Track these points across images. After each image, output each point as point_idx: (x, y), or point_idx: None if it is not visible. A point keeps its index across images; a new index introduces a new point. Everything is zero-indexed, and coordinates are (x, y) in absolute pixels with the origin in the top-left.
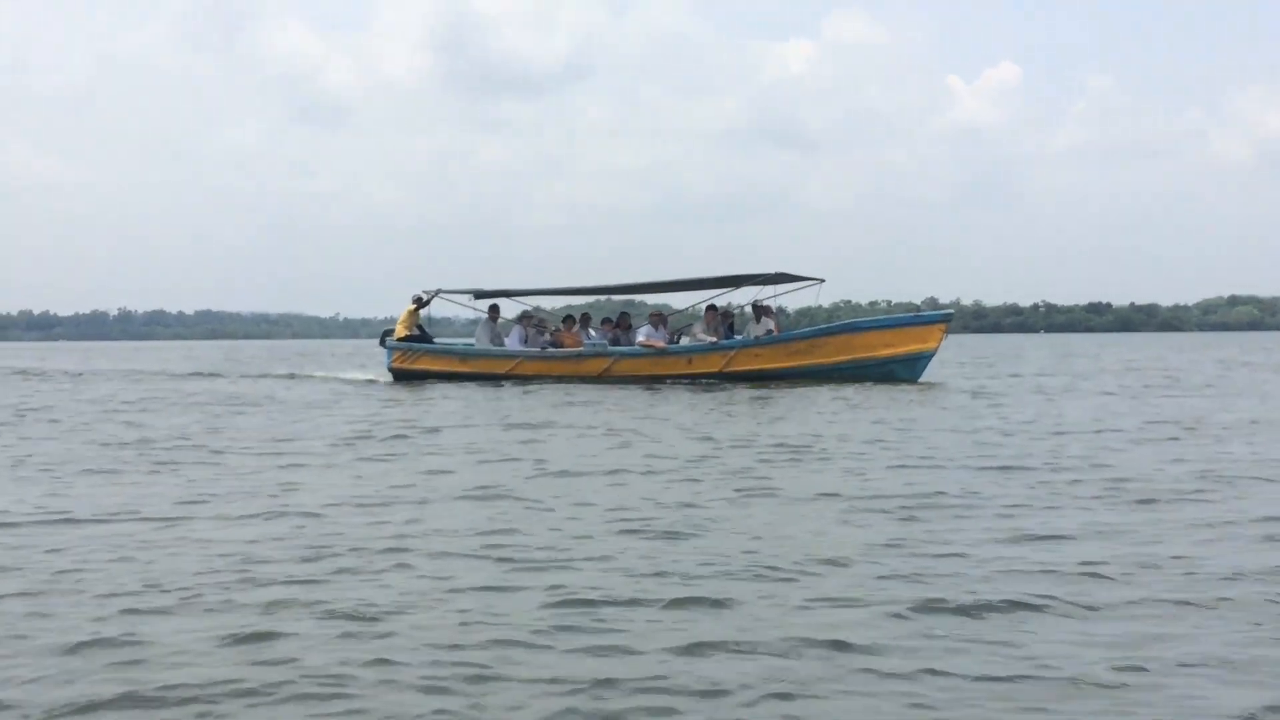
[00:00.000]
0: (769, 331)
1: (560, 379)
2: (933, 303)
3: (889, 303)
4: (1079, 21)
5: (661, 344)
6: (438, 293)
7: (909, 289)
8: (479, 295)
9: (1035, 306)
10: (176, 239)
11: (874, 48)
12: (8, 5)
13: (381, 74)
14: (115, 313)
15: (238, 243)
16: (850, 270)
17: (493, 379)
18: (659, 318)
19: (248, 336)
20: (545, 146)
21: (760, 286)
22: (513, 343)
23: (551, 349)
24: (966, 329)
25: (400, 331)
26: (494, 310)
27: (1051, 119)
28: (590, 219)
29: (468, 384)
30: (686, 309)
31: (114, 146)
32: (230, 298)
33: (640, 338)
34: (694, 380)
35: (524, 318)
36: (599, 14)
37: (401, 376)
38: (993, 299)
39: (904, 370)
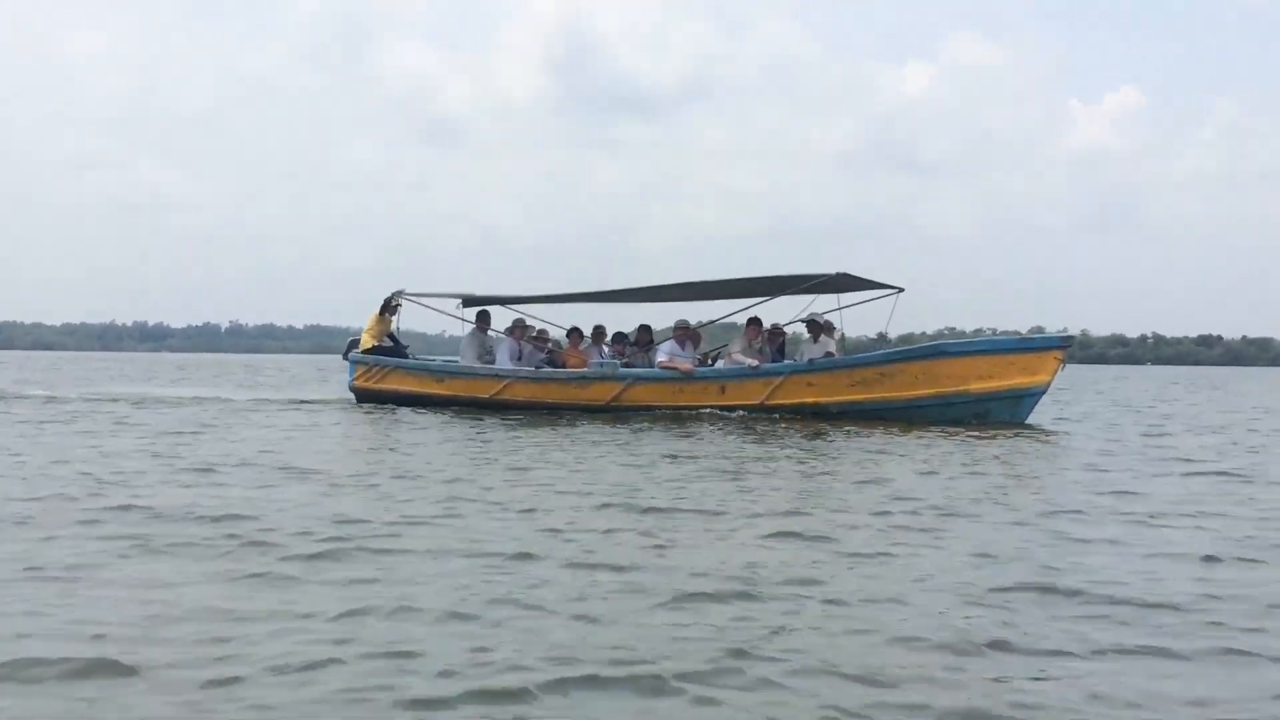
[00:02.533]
0: (827, 354)
1: (557, 407)
2: (1039, 331)
3: (994, 330)
4: (1203, 44)
5: (688, 366)
6: (398, 295)
7: (1016, 316)
8: (467, 302)
9: (1143, 338)
10: (292, 254)
11: (993, 70)
12: (139, 29)
13: (499, 94)
14: (227, 325)
15: (353, 259)
16: (962, 297)
17: (475, 405)
18: (687, 332)
19: None
20: (660, 168)
21: (814, 295)
22: (503, 359)
23: (548, 369)
24: (1071, 360)
25: (366, 342)
26: (483, 319)
27: (1174, 144)
28: (704, 241)
29: (445, 410)
30: (716, 321)
31: (236, 164)
32: (341, 313)
33: (661, 357)
34: (727, 413)
35: (516, 328)
36: (715, 35)
37: (366, 398)
38: (1101, 329)
39: (1004, 410)
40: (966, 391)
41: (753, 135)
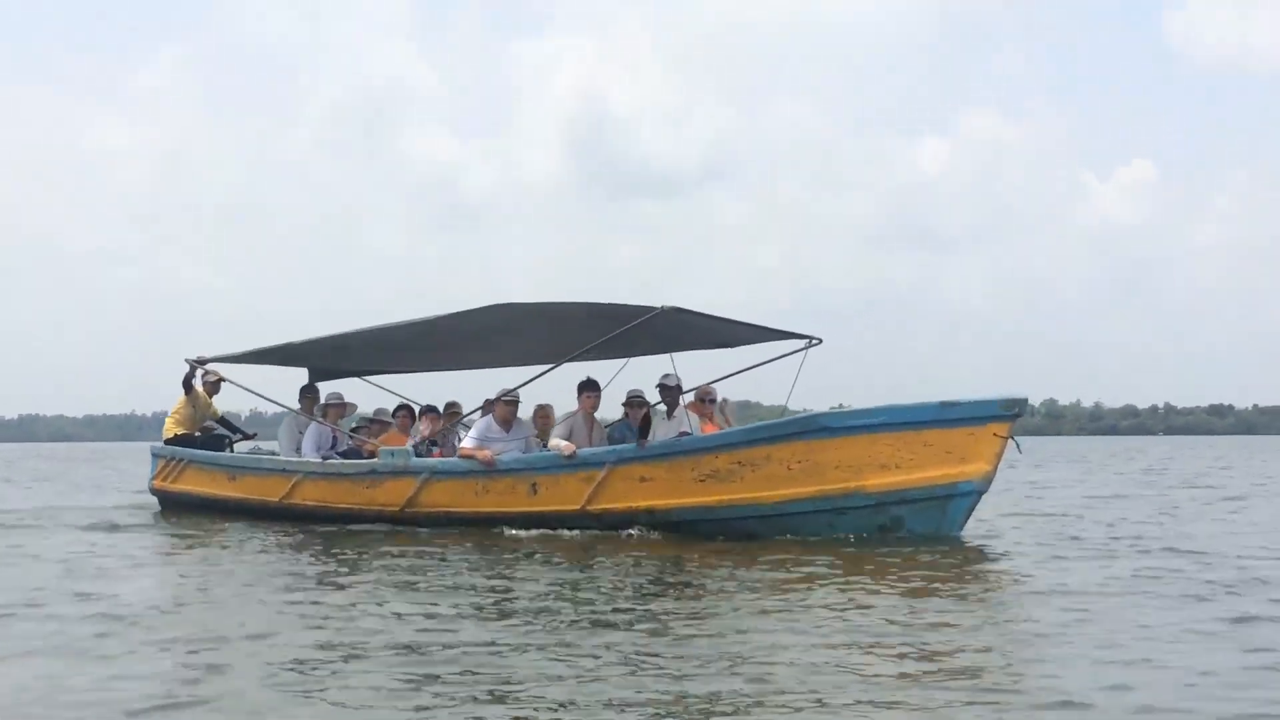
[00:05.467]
0: (682, 435)
1: (348, 515)
2: (1051, 405)
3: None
4: (1212, 116)
5: (486, 454)
6: (197, 365)
7: (1028, 388)
8: (316, 373)
9: (1154, 408)
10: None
11: (1007, 145)
12: (164, 123)
13: (519, 177)
14: (247, 414)
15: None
16: (978, 371)
17: (265, 512)
18: (513, 406)
19: None
20: (680, 246)
21: (652, 350)
22: (307, 450)
23: (336, 461)
24: (1081, 431)
25: (169, 429)
26: (308, 394)
27: (1187, 216)
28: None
29: (235, 520)
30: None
31: (261, 253)
32: (365, 396)
33: (465, 443)
34: (540, 525)
35: (330, 407)
36: (732, 115)
37: (167, 502)
38: (1113, 400)
39: (923, 519)
40: (861, 490)
41: (773, 213)
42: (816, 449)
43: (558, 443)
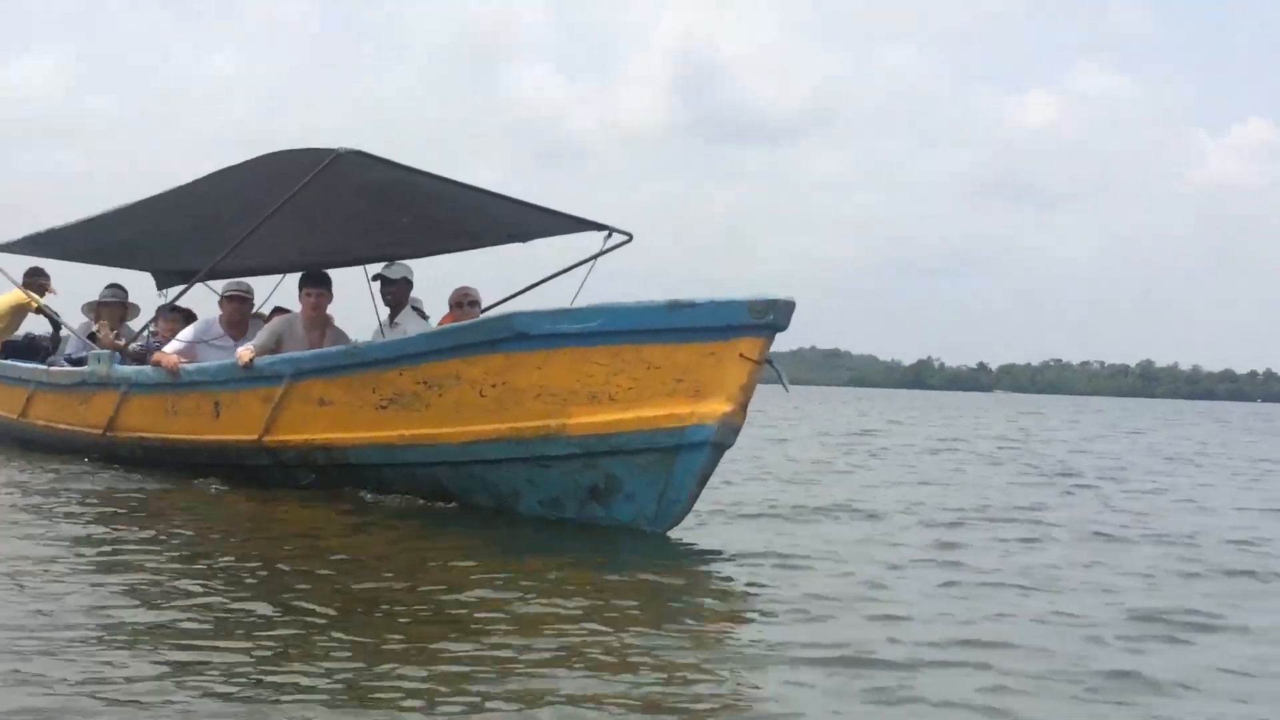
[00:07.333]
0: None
1: (66, 438)
2: (1147, 366)
3: (1102, 363)
4: None
5: (173, 360)
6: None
7: (1126, 349)
8: (163, 282)
9: (1253, 373)
10: (417, 276)
11: (1118, 100)
12: (272, 56)
13: (621, 119)
14: None
15: (473, 278)
16: (1076, 329)
17: (5, 433)
18: (239, 302)
19: None
20: (779, 194)
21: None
22: (74, 350)
23: (62, 368)
24: (1177, 394)
25: None
26: (110, 295)
27: None
28: (817, 270)
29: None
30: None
31: None
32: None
33: (168, 345)
34: (222, 461)
35: (104, 305)
36: (840, 64)
37: None
38: (1213, 364)
39: (640, 481)
40: (563, 431)
41: (873, 164)
42: (514, 366)
43: (244, 353)
